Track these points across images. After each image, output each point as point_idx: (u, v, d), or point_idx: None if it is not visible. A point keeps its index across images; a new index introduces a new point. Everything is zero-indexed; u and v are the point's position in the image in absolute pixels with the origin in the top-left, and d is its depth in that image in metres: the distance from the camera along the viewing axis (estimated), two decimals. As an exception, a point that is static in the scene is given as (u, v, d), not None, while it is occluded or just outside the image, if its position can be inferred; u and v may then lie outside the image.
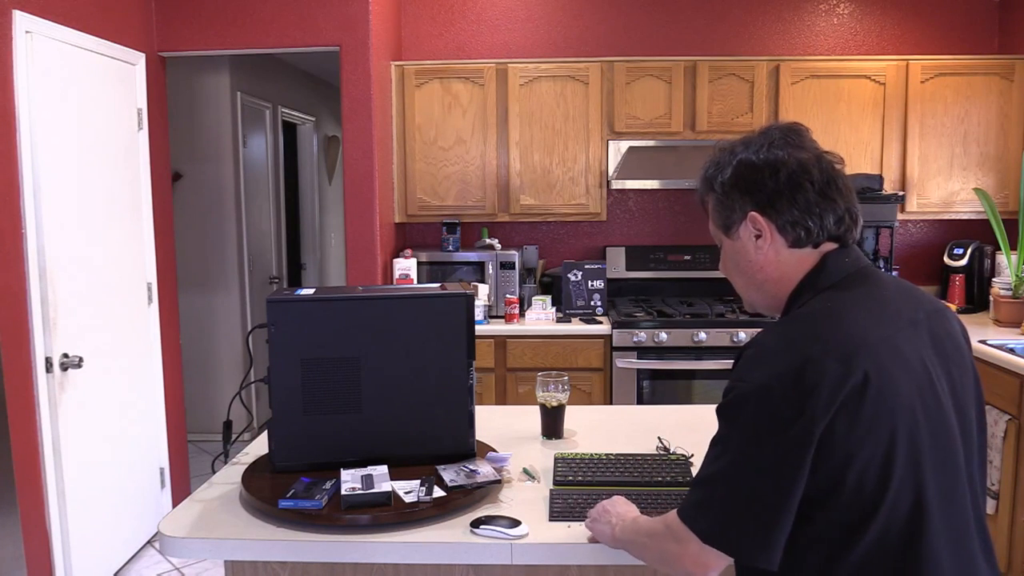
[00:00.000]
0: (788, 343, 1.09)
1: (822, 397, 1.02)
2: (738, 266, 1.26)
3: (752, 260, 1.22)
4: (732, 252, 1.26)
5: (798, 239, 1.18)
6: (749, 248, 1.22)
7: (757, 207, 1.19)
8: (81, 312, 2.98)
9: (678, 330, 3.62)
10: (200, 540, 1.46)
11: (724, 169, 1.24)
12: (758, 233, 1.20)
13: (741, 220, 1.22)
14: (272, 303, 1.63)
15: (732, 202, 1.22)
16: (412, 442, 1.69)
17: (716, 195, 1.25)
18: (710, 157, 1.29)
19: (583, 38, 4.28)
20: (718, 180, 1.24)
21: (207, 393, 4.82)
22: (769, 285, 1.23)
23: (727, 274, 1.30)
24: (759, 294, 1.26)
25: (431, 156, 3.96)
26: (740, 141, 1.25)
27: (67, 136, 2.91)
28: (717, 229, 1.28)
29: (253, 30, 3.60)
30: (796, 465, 1.03)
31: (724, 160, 1.25)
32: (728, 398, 1.10)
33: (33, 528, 2.73)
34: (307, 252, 6.44)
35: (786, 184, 1.17)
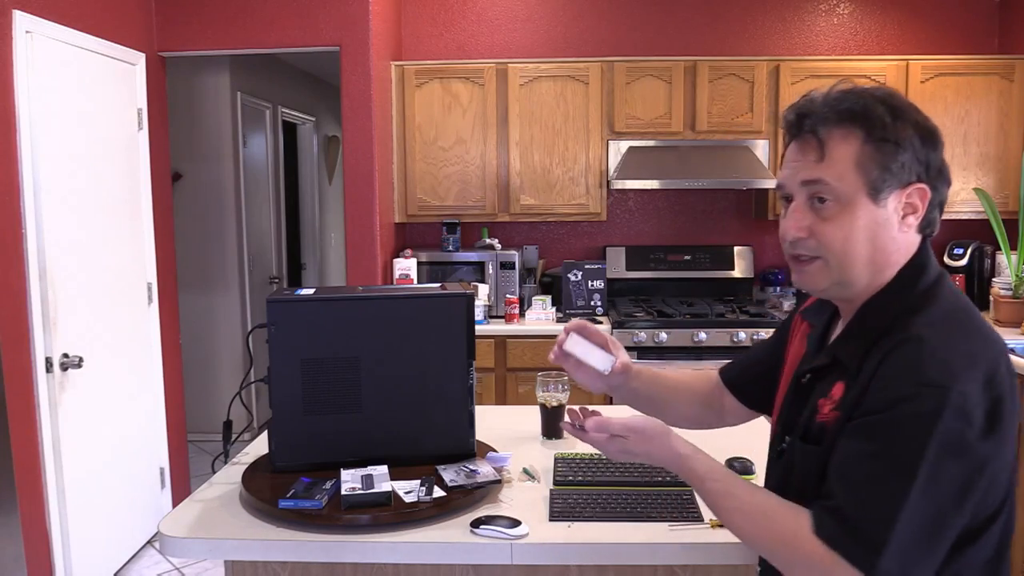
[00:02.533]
0: (970, 347, 0.95)
1: (1006, 409, 0.93)
2: (872, 240, 1.01)
3: (895, 237, 1.02)
4: (870, 220, 1.00)
5: (928, 223, 1.04)
6: (893, 223, 1.01)
7: (928, 178, 1.01)
8: (81, 312, 2.98)
9: (678, 330, 3.62)
10: (200, 540, 1.46)
11: (900, 115, 1.00)
12: (911, 210, 1.02)
13: (900, 187, 1.00)
14: (272, 303, 1.63)
15: (902, 161, 0.99)
16: (412, 442, 1.69)
17: (882, 142, 0.99)
18: (848, 90, 1.04)
19: (583, 38, 4.28)
20: (892, 124, 0.99)
21: (207, 393, 4.82)
22: (886, 271, 1.04)
23: (846, 246, 1.02)
24: (866, 276, 1.04)
25: (431, 156, 3.96)
26: (881, 88, 1.04)
27: (67, 136, 2.91)
28: (860, 187, 1.00)
29: (253, 30, 3.60)
30: (977, 487, 0.93)
31: (877, 103, 1.01)
32: (908, 406, 0.92)
33: (33, 528, 2.73)
34: (307, 252, 6.44)
35: (942, 159, 1.03)
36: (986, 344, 0.97)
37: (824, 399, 1.05)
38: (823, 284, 1.05)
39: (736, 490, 1.07)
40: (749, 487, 1.08)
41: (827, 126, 1.01)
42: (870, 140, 0.99)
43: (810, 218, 1.03)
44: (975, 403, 0.91)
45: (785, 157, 1.08)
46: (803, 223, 1.03)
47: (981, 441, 0.91)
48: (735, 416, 1.45)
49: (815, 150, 1.02)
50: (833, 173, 1.00)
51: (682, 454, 1.12)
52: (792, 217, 1.05)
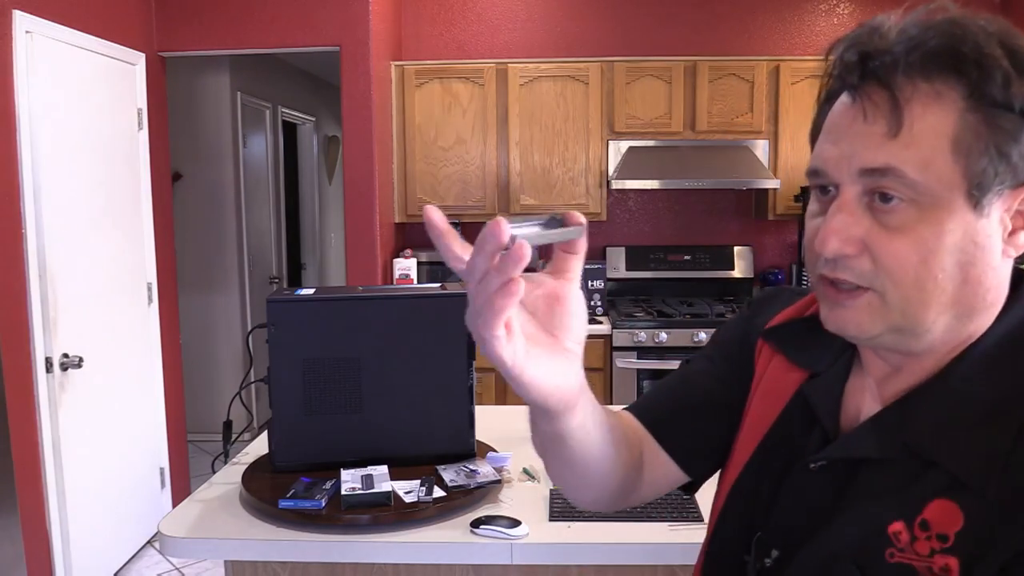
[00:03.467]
0: None
1: None
2: (966, 267, 0.62)
3: (996, 267, 0.63)
4: (965, 236, 0.61)
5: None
6: (996, 243, 0.62)
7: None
8: (81, 312, 2.98)
9: (678, 330, 3.62)
10: (200, 540, 1.46)
11: (1015, 59, 0.60)
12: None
13: (1014, 186, 0.61)
14: (272, 303, 1.63)
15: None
16: (412, 442, 1.69)
17: (997, 109, 0.60)
18: (957, 18, 0.62)
19: (583, 38, 4.28)
20: (1017, 78, 0.59)
21: (207, 393, 4.82)
22: (982, 315, 0.65)
23: (906, 267, 0.62)
24: (943, 323, 0.64)
25: (431, 156, 3.96)
26: (1001, 25, 0.62)
27: (67, 136, 2.91)
28: (959, 177, 0.61)
29: (253, 30, 3.60)
30: None
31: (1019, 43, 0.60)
32: None
33: (33, 528, 2.73)
34: (307, 252, 6.44)
35: None
36: None
37: (902, 521, 0.62)
38: (875, 329, 0.65)
39: None
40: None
41: (910, 75, 0.61)
42: (980, 105, 0.60)
43: (866, 224, 0.63)
44: None
45: (828, 125, 0.67)
46: (854, 232, 0.63)
47: None
48: (655, 483, 0.88)
49: (886, 116, 0.61)
50: (915, 158, 0.60)
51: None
52: (838, 220, 0.63)
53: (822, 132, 0.67)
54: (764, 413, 0.78)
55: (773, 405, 0.78)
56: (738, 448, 0.81)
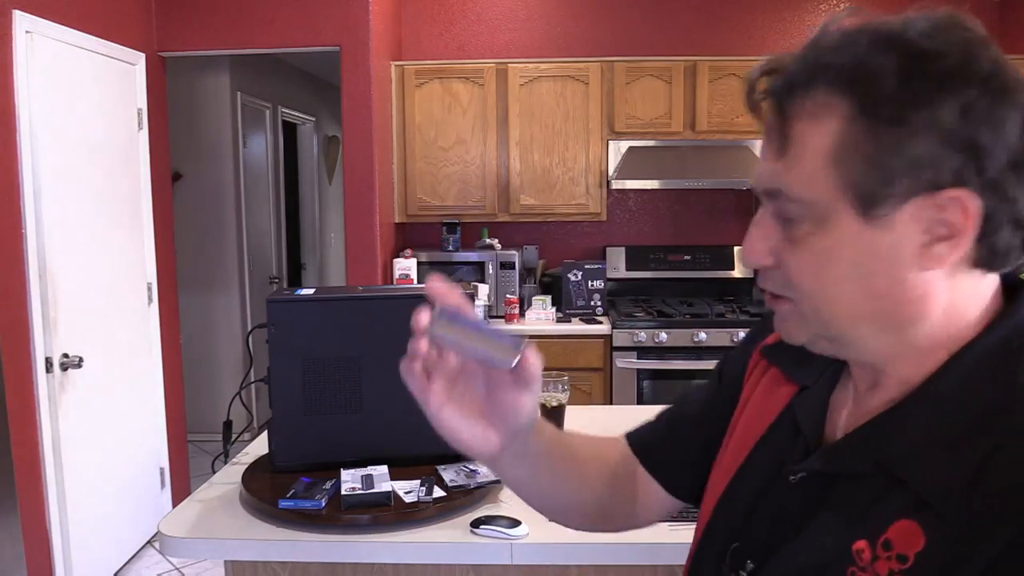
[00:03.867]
0: None
1: None
2: (864, 279, 0.61)
3: (906, 278, 0.60)
4: (857, 249, 0.61)
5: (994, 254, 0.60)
6: (907, 254, 0.59)
7: (979, 179, 0.57)
8: (81, 312, 2.98)
9: (678, 330, 3.62)
10: (200, 540, 1.46)
11: (924, 69, 0.57)
12: (947, 233, 0.58)
13: (918, 195, 0.58)
14: (272, 303, 1.63)
15: (917, 153, 0.57)
16: (412, 442, 1.69)
17: (877, 120, 0.58)
18: (853, 22, 0.61)
19: (583, 38, 4.28)
20: (902, 86, 0.57)
21: (207, 393, 4.82)
22: (920, 329, 0.62)
23: (803, 277, 0.64)
24: (880, 335, 0.63)
25: (431, 156, 3.96)
26: (920, 24, 0.58)
27: (67, 136, 2.91)
28: (841, 190, 0.60)
29: (253, 30, 3.60)
30: None
31: (920, 47, 0.57)
32: None
33: (33, 528, 2.73)
34: (307, 252, 6.44)
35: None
36: None
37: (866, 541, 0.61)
38: (802, 336, 0.67)
39: None
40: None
41: (795, 95, 0.62)
42: (859, 116, 0.58)
43: (777, 237, 0.65)
44: None
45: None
46: (767, 243, 0.66)
47: None
48: (649, 508, 0.91)
49: (776, 135, 0.64)
50: (798, 178, 0.61)
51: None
52: (752, 234, 0.67)
53: None
54: (754, 426, 0.78)
55: (764, 418, 0.77)
56: (727, 459, 0.80)
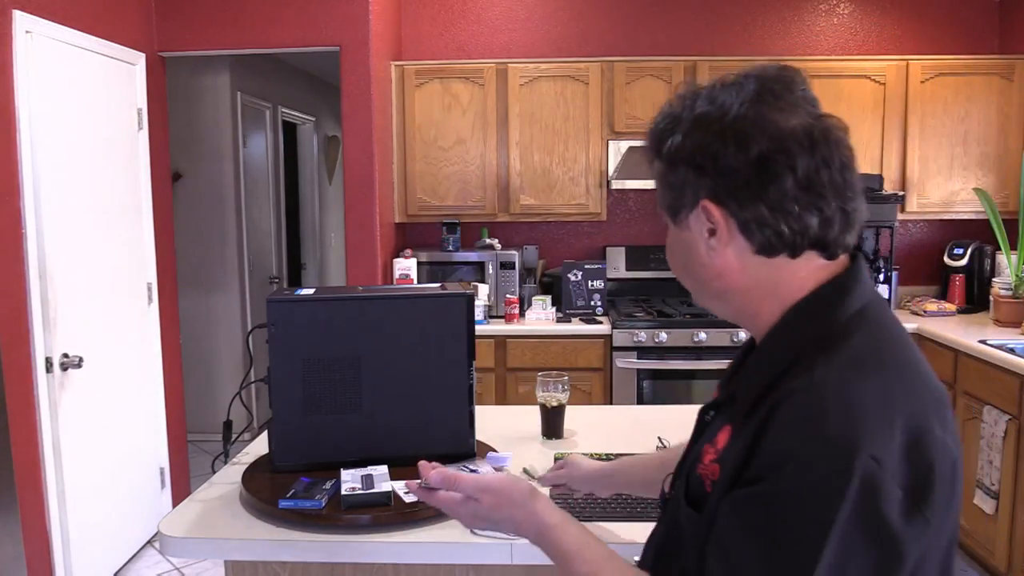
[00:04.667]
0: (889, 395, 0.76)
1: (940, 479, 0.74)
2: (687, 266, 0.91)
3: (705, 263, 0.88)
4: (679, 245, 0.92)
5: (766, 244, 0.84)
6: (699, 246, 0.88)
7: (712, 194, 0.85)
8: (81, 312, 2.98)
9: (678, 330, 3.62)
10: (200, 540, 1.46)
11: (678, 127, 0.88)
12: (712, 228, 0.86)
13: (692, 206, 0.87)
14: (272, 303, 1.63)
15: (681, 179, 0.87)
16: (412, 442, 1.69)
17: (662, 164, 0.90)
18: (666, 104, 0.93)
19: (583, 38, 4.28)
20: (668, 144, 0.88)
21: (207, 393, 4.82)
22: (735, 297, 0.89)
23: (674, 270, 0.95)
24: (722, 305, 0.91)
25: (431, 156, 3.96)
26: (709, 89, 0.88)
27: (67, 136, 2.91)
28: (662, 210, 0.93)
29: (253, 30, 3.60)
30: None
31: (681, 114, 0.88)
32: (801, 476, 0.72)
33: (33, 528, 2.73)
34: (307, 252, 6.44)
35: (756, 167, 0.82)
36: (915, 392, 0.78)
37: (709, 444, 0.87)
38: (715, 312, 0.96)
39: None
40: (627, 572, 0.89)
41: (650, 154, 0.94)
42: (655, 160, 0.92)
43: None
44: (892, 473, 0.71)
45: None
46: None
47: (903, 524, 0.71)
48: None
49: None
50: (658, 204, 0.95)
51: (549, 524, 0.91)
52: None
53: None
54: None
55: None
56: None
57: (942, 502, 0.75)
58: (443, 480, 0.98)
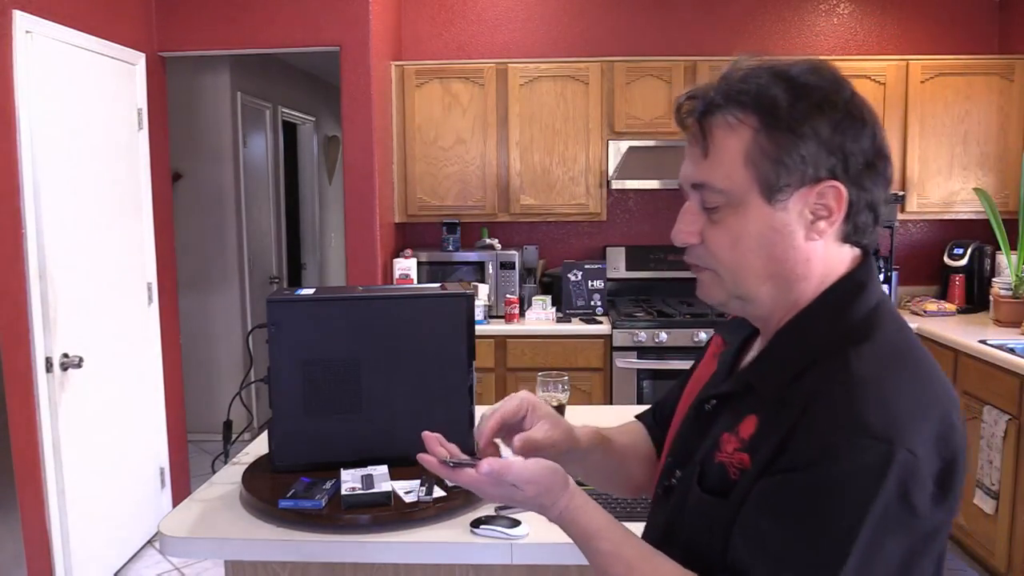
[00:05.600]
0: (922, 393, 0.79)
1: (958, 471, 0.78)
2: (767, 248, 0.84)
3: (798, 247, 0.83)
4: (759, 225, 0.83)
5: (856, 230, 0.85)
6: (796, 230, 0.83)
7: (846, 174, 0.81)
8: (81, 312, 2.98)
9: (678, 330, 3.62)
10: (200, 540, 1.46)
11: (803, 95, 0.81)
12: (825, 213, 0.82)
13: (805, 185, 0.81)
14: (272, 303, 1.63)
15: (804, 153, 0.81)
16: (412, 442, 1.69)
17: (776, 131, 0.81)
18: (752, 63, 0.85)
19: (583, 38, 4.28)
20: (789, 107, 0.81)
21: (207, 393, 4.82)
22: (798, 285, 0.86)
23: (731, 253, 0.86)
24: (774, 292, 0.86)
25: (431, 156, 3.96)
26: (801, 66, 0.83)
27: (67, 136, 2.91)
28: (747, 184, 0.83)
29: (253, 30, 3.60)
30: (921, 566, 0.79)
31: (799, 80, 0.82)
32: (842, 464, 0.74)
33: (33, 528, 2.73)
34: (307, 252, 6.44)
35: (876, 151, 0.83)
36: (940, 386, 0.81)
37: (729, 433, 0.86)
38: (720, 297, 0.90)
39: (629, 553, 0.87)
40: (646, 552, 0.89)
41: (714, 113, 0.84)
42: (763, 128, 0.81)
43: (702, 221, 0.87)
44: (926, 465, 0.75)
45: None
46: (694, 226, 0.87)
47: (932, 511, 0.76)
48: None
49: (700, 143, 0.85)
50: (719, 174, 0.84)
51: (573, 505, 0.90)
52: (682, 219, 0.89)
53: None
54: (702, 378, 1.04)
55: (708, 372, 1.03)
56: (680, 408, 1.05)
57: (959, 490, 0.80)
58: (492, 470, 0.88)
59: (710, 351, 1.09)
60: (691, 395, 1.04)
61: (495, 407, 1.01)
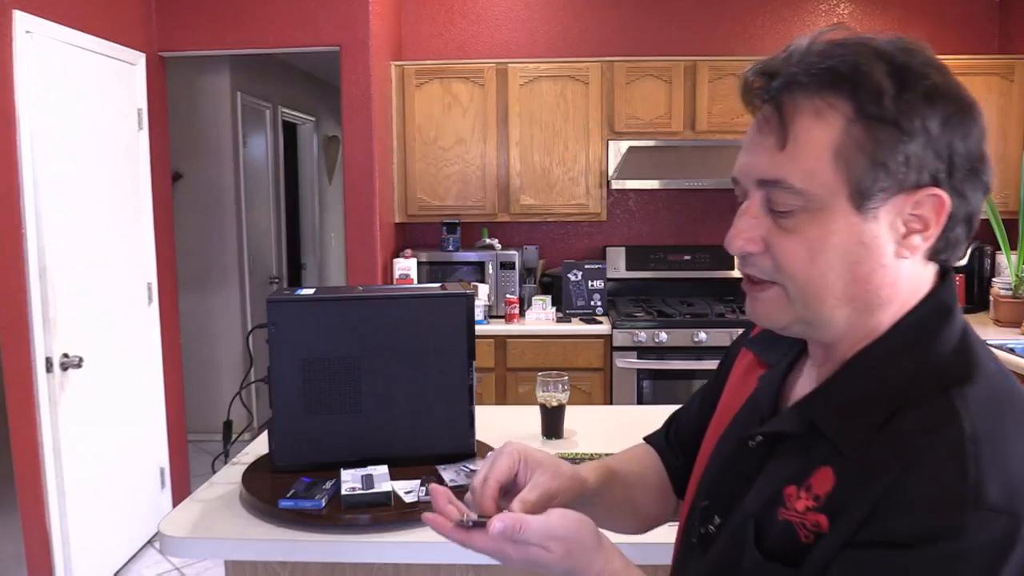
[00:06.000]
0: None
1: None
2: (851, 265, 0.69)
3: (887, 265, 0.69)
4: (848, 237, 0.68)
5: (947, 246, 0.71)
6: (885, 244, 0.69)
7: (949, 181, 0.68)
8: (81, 312, 2.98)
9: (678, 330, 3.62)
10: (200, 540, 1.46)
11: (911, 81, 0.67)
12: (919, 226, 0.68)
13: (902, 192, 0.67)
14: (272, 303, 1.63)
15: (908, 153, 0.66)
16: (412, 442, 1.69)
17: (877, 122, 0.66)
18: (854, 40, 0.69)
19: (583, 38, 4.28)
20: (896, 95, 0.66)
21: (207, 393, 4.82)
22: (881, 312, 0.71)
23: (795, 262, 0.70)
24: (844, 315, 0.71)
25: (431, 156, 3.96)
26: (895, 43, 0.69)
27: (67, 136, 2.91)
28: (834, 186, 0.68)
29: (253, 30, 3.60)
30: None
31: (904, 61, 0.67)
32: (958, 542, 0.60)
33: (33, 528, 2.73)
34: (307, 252, 6.44)
35: (980, 154, 0.70)
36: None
37: (795, 486, 0.71)
38: (783, 320, 0.73)
39: None
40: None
41: (796, 94, 0.69)
42: (860, 118, 0.66)
43: (767, 225, 0.71)
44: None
45: (745, 137, 0.75)
46: (756, 232, 0.72)
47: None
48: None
49: (775, 130, 0.70)
50: (799, 169, 0.68)
51: (610, 570, 0.77)
52: (742, 222, 0.73)
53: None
54: (732, 405, 0.89)
55: (740, 396, 0.88)
56: (708, 436, 0.91)
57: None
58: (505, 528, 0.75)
59: (738, 370, 0.92)
60: (721, 423, 0.89)
61: (483, 470, 0.85)
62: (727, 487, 0.80)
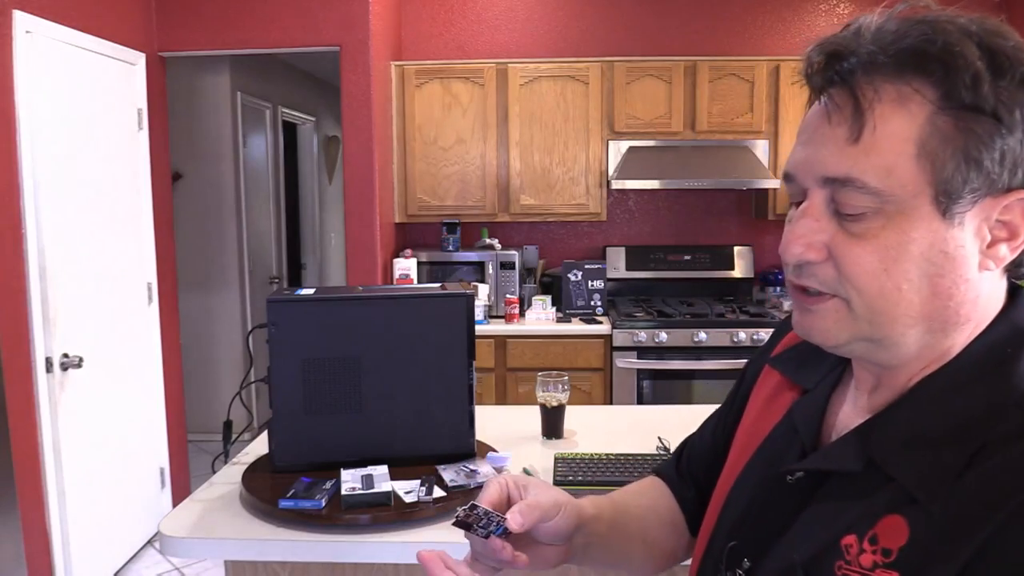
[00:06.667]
0: None
1: None
2: (932, 278, 0.60)
3: (970, 280, 0.60)
4: (930, 246, 0.59)
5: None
6: (969, 254, 0.60)
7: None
8: (81, 312, 2.98)
9: (678, 330, 3.62)
10: (200, 540, 1.46)
11: (1008, 65, 0.57)
12: (1005, 235, 0.60)
13: (992, 195, 0.58)
14: (272, 303, 1.63)
15: (1004, 148, 0.57)
16: (412, 442, 1.69)
17: (971, 112, 0.57)
18: (936, 17, 0.59)
19: (583, 38, 4.28)
20: (992, 81, 0.57)
21: (207, 393, 4.82)
22: (956, 333, 0.62)
23: (866, 274, 0.60)
24: (925, 338, 0.62)
25: (431, 156, 3.96)
26: (979, 23, 0.58)
27: (67, 136, 2.91)
28: (917, 185, 0.58)
29: (253, 30, 3.60)
30: None
31: (997, 44, 0.57)
32: None
33: (33, 528, 2.73)
34: (307, 252, 6.44)
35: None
36: None
37: (856, 536, 0.61)
38: (842, 336, 0.63)
39: None
40: None
41: (874, 76, 0.59)
42: (948, 107, 0.57)
43: (831, 229, 0.61)
44: None
45: (801, 127, 0.65)
46: (818, 237, 0.62)
47: None
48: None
49: (848, 119, 0.59)
50: (876, 165, 0.58)
51: None
52: (801, 225, 0.62)
53: (797, 134, 0.65)
54: (758, 431, 0.79)
55: (767, 422, 0.78)
56: (730, 464, 0.81)
57: None
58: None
59: (762, 392, 0.82)
60: (744, 452, 0.79)
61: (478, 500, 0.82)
62: (758, 526, 0.71)
